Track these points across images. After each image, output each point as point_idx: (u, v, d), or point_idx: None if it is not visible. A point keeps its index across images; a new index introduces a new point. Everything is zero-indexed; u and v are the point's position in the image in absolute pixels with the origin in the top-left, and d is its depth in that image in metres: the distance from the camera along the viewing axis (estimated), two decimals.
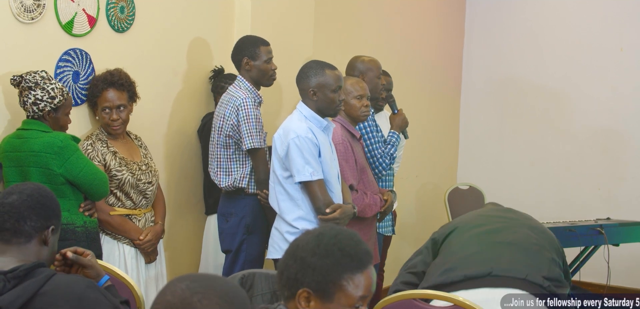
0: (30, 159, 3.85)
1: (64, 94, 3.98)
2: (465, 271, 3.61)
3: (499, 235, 3.83)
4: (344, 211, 4.23)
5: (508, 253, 3.68)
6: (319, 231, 2.42)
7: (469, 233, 3.89)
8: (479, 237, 3.83)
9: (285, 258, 2.40)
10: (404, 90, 6.30)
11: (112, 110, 4.37)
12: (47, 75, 3.94)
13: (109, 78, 4.36)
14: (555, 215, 6.67)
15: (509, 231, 3.85)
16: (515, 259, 3.63)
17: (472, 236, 3.86)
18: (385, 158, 4.94)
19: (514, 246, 3.72)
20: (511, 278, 3.54)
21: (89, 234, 4.03)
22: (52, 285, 2.57)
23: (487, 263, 3.62)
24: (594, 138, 7.74)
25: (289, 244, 2.44)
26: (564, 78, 7.91)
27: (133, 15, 4.73)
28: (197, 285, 1.85)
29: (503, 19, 8.36)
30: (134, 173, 4.39)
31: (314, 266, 2.31)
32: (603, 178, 7.70)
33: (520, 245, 3.73)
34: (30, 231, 2.71)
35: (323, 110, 4.28)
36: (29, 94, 3.87)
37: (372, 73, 5.15)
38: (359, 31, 6.81)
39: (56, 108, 3.94)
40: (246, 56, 4.75)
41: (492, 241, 3.78)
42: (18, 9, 4.06)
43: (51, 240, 2.78)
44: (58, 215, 2.83)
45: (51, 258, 2.82)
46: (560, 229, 5.76)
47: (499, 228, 3.90)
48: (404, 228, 7.33)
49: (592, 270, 6.22)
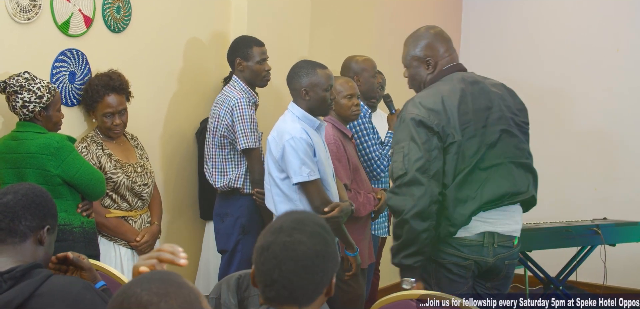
0: (26, 161, 3.85)
1: (51, 91, 3.95)
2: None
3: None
4: (342, 209, 4.23)
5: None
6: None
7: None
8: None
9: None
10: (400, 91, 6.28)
11: (114, 115, 4.36)
12: (30, 76, 3.91)
13: (110, 83, 4.35)
14: (552, 216, 6.66)
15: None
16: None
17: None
18: (383, 160, 4.94)
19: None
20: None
21: (86, 234, 4.03)
22: (48, 286, 2.56)
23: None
24: (591, 138, 7.74)
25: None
26: (560, 79, 7.92)
27: (129, 16, 4.73)
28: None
29: (499, 20, 8.37)
30: (129, 176, 4.39)
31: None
32: (600, 178, 7.70)
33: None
34: (25, 231, 2.70)
35: (315, 110, 4.27)
36: (17, 98, 3.86)
37: (367, 73, 5.15)
38: (355, 32, 6.81)
39: (46, 106, 3.92)
40: (239, 56, 4.77)
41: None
42: (14, 9, 4.06)
43: (47, 239, 2.77)
44: (54, 214, 2.82)
45: (48, 258, 2.81)
46: (556, 229, 5.76)
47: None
48: None
49: (589, 270, 6.22)
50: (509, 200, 3.64)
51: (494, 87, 3.78)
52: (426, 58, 3.77)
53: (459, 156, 3.54)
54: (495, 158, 3.61)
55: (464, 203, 3.55)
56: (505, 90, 3.84)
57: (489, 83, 3.79)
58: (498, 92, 3.76)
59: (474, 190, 3.55)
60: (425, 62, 3.78)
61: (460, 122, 3.55)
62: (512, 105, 3.78)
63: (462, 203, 3.55)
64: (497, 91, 3.76)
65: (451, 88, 3.63)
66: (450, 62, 3.79)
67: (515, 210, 3.73)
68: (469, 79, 3.73)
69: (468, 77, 3.74)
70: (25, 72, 3.91)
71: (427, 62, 3.78)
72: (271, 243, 2.18)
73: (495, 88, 3.77)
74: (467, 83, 3.69)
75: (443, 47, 3.79)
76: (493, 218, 3.63)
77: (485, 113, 3.64)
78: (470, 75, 3.79)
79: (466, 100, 3.61)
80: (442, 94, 3.60)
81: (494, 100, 3.69)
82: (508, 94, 3.82)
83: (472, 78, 3.74)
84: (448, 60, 3.79)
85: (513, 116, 3.75)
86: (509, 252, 3.72)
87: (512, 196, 3.65)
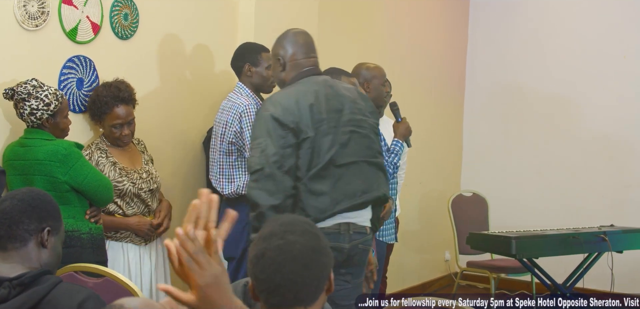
0: (34, 167, 3.86)
1: (58, 98, 3.96)
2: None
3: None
4: None
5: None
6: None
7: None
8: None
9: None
10: (407, 97, 6.31)
11: (123, 125, 4.38)
12: (38, 83, 3.92)
13: (119, 95, 4.35)
14: (560, 222, 6.66)
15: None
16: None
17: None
18: (389, 167, 4.94)
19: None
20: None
21: (94, 241, 4.04)
22: (55, 293, 2.57)
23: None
24: (599, 145, 7.74)
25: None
26: (568, 85, 7.92)
27: (137, 23, 4.74)
28: None
29: (507, 25, 8.37)
30: (135, 183, 4.39)
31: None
32: (608, 185, 7.69)
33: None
34: (24, 235, 2.69)
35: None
36: (24, 105, 3.87)
37: (377, 80, 5.15)
38: (362, 38, 6.82)
39: (53, 113, 3.93)
40: (248, 62, 4.77)
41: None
42: (22, 16, 4.08)
43: (51, 241, 2.76)
44: (54, 216, 2.80)
45: (55, 261, 2.81)
46: (563, 236, 5.76)
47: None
48: (407, 235, 7.33)
49: (596, 278, 6.21)
50: (361, 198, 3.86)
51: (347, 91, 4.01)
52: (278, 57, 4.03)
53: (313, 151, 3.78)
54: (348, 156, 3.85)
55: (317, 196, 3.79)
56: (357, 94, 4.07)
57: (342, 87, 4.03)
58: (349, 95, 3.98)
59: (328, 185, 3.80)
60: (278, 61, 4.03)
61: (313, 120, 3.79)
62: (364, 108, 4.01)
63: (316, 196, 3.78)
64: (349, 94, 3.98)
65: (306, 89, 3.87)
66: (310, 66, 4.00)
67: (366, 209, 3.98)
68: (324, 83, 3.96)
69: (324, 81, 3.97)
70: (33, 79, 3.92)
71: (279, 61, 4.02)
72: (265, 249, 2.19)
73: (347, 92, 4.00)
74: (322, 86, 3.92)
75: (301, 50, 4.01)
76: (348, 214, 3.85)
77: (337, 115, 3.87)
78: (326, 79, 4.02)
79: (320, 100, 3.85)
80: (297, 94, 3.84)
81: (345, 103, 3.92)
82: (360, 98, 4.05)
83: (327, 82, 3.97)
84: (307, 63, 4.00)
85: (364, 118, 3.97)
86: (363, 237, 3.93)
87: (363, 194, 3.87)
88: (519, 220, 7.49)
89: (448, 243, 7.86)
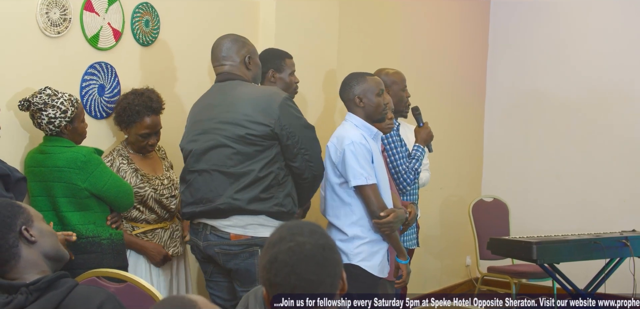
0: (54, 174, 3.88)
1: (74, 103, 3.97)
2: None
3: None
4: (397, 216, 4.33)
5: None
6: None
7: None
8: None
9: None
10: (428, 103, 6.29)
11: (151, 135, 4.39)
12: (52, 91, 3.92)
13: (151, 105, 4.35)
14: (581, 227, 6.64)
15: None
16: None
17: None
18: (410, 173, 4.93)
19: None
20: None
21: (114, 246, 4.04)
22: (73, 296, 2.57)
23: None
24: (620, 150, 7.70)
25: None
26: (587, 90, 7.88)
27: (158, 29, 4.77)
28: None
29: (527, 31, 8.35)
30: (156, 189, 4.40)
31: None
32: (629, 190, 7.65)
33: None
34: (11, 252, 2.66)
35: (371, 115, 4.42)
36: (41, 115, 3.88)
37: (397, 86, 5.15)
38: (383, 43, 6.82)
39: (71, 120, 3.94)
40: (272, 68, 4.74)
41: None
42: (45, 24, 4.11)
43: (34, 232, 2.71)
44: (20, 212, 2.73)
45: (53, 241, 2.78)
46: (585, 241, 5.73)
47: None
48: (428, 240, 7.31)
49: (618, 282, 6.17)
50: (204, 205, 3.99)
51: (232, 99, 4.03)
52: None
53: (187, 156, 4.12)
54: (203, 164, 4.01)
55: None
56: (245, 103, 4.00)
57: (227, 97, 4.05)
58: (221, 106, 4.02)
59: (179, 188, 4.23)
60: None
61: (188, 128, 4.20)
62: (241, 119, 3.96)
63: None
64: (221, 105, 4.03)
65: (203, 96, 4.21)
66: (219, 72, 4.16)
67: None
68: (212, 90, 4.17)
69: (213, 89, 4.17)
70: (46, 87, 3.93)
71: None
72: (276, 253, 2.22)
73: (220, 103, 4.05)
74: (207, 95, 4.18)
75: (215, 55, 4.19)
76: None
77: (200, 125, 4.07)
78: (218, 86, 4.15)
79: (195, 109, 4.19)
80: (197, 102, 4.24)
81: (212, 113, 4.04)
82: (248, 106, 3.98)
83: (214, 89, 4.15)
84: (218, 70, 4.18)
85: (236, 127, 3.95)
86: (221, 241, 3.97)
87: (206, 202, 3.99)
88: (540, 225, 7.46)
89: (469, 248, 7.83)
